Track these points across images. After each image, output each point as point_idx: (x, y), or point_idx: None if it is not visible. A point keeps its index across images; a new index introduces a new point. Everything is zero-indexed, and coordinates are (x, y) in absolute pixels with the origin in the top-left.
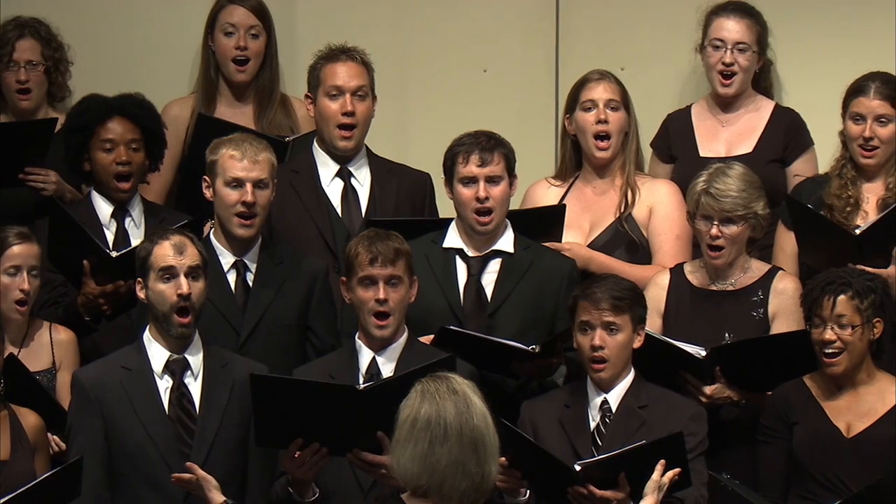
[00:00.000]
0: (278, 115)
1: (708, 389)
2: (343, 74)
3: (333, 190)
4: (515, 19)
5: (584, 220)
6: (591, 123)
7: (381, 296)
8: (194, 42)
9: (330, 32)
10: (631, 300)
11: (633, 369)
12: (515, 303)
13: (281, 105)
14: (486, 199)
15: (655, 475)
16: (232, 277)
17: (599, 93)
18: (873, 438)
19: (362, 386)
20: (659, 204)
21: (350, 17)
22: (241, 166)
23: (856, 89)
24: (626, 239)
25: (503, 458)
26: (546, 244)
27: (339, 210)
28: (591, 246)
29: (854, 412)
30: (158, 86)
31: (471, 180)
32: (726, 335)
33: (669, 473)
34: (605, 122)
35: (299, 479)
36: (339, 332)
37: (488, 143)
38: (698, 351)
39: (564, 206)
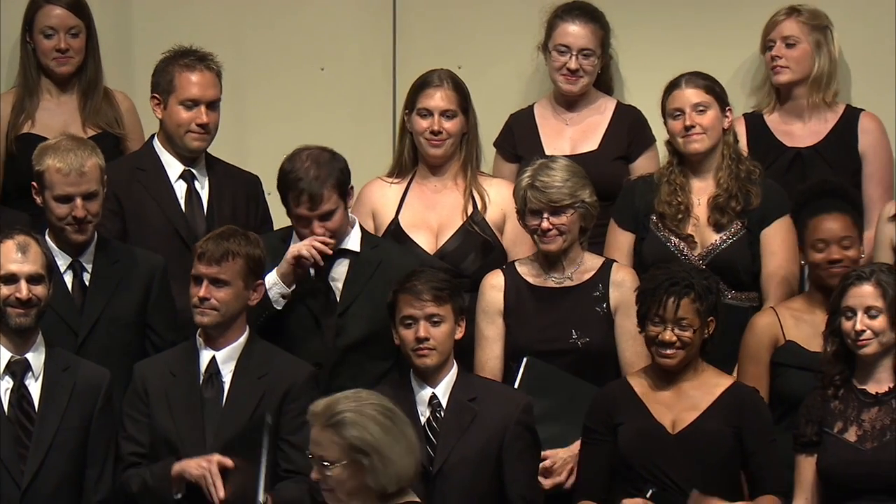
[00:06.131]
0: (103, 107)
1: None
2: (200, 86)
3: (178, 191)
4: (353, 17)
5: (431, 218)
6: (426, 130)
7: (202, 294)
8: (12, 36)
9: (165, 28)
10: (451, 290)
11: (455, 362)
12: (365, 302)
13: (105, 98)
14: (323, 234)
15: None
16: (69, 279)
17: (436, 101)
18: (698, 432)
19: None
20: (514, 212)
21: (185, 12)
22: (67, 181)
23: (669, 87)
24: (479, 240)
25: None
26: None
27: (184, 211)
28: (444, 249)
29: (679, 408)
30: None
31: (305, 219)
32: (573, 332)
33: None
34: (439, 132)
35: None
36: (178, 329)
37: (317, 181)
38: None
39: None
